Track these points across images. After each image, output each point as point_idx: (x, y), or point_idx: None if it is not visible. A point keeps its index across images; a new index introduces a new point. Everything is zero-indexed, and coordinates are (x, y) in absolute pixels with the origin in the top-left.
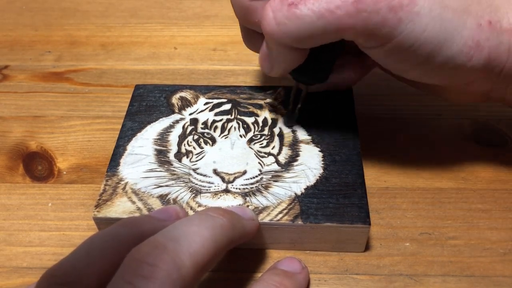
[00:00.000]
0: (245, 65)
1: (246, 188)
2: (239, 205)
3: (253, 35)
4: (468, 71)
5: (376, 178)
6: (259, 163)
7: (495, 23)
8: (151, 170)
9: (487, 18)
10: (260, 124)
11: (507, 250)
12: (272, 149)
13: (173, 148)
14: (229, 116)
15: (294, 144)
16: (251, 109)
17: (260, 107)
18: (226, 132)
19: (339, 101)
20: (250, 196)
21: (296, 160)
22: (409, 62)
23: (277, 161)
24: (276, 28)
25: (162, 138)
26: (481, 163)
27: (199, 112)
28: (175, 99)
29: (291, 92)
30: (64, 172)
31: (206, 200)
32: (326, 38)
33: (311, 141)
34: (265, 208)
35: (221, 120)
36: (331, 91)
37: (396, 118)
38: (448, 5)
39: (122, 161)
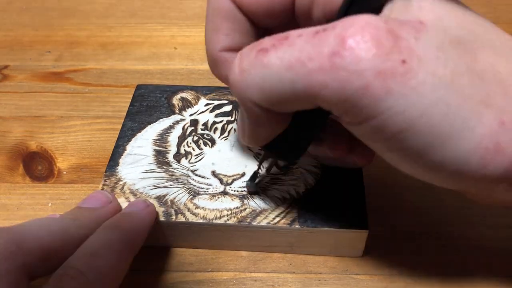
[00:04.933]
0: None
1: (244, 191)
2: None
3: None
4: (481, 179)
5: (376, 178)
6: (258, 165)
7: None
8: (150, 171)
9: None
10: None
11: (507, 250)
12: None
13: (173, 149)
14: (229, 118)
15: None
16: None
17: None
18: (226, 134)
19: None
20: (248, 198)
21: (295, 163)
22: (398, 153)
23: (276, 164)
24: (239, 77)
25: (162, 138)
26: None
27: (199, 113)
28: (176, 100)
29: (260, 159)
30: (64, 172)
31: (204, 202)
32: (294, 100)
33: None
34: (262, 211)
35: (221, 121)
36: None
37: None
38: (460, 90)
39: (121, 161)
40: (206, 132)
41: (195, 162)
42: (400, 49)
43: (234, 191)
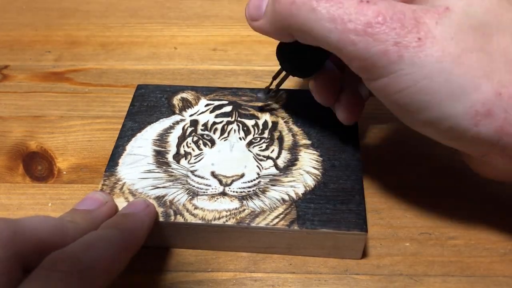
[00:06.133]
0: (245, 65)
1: (244, 192)
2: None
3: None
4: (473, 138)
5: (376, 178)
6: (257, 166)
7: None
8: (149, 171)
9: None
10: (260, 127)
11: (507, 250)
12: (271, 152)
13: (172, 149)
14: (229, 118)
15: (294, 148)
16: (252, 111)
17: (261, 109)
18: (225, 134)
19: None
20: (247, 199)
21: (295, 164)
22: (402, 108)
23: (275, 165)
24: (288, 6)
25: (162, 139)
26: None
27: (199, 114)
28: (176, 100)
29: (276, 72)
30: (64, 172)
31: (203, 203)
32: (323, 43)
33: (310, 146)
34: (261, 212)
35: (221, 122)
36: None
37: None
38: (465, 63)
39: (120, 161)
40: (206, 132)
41: (194, 163)
42: (418, 30)
43: (234, 192)
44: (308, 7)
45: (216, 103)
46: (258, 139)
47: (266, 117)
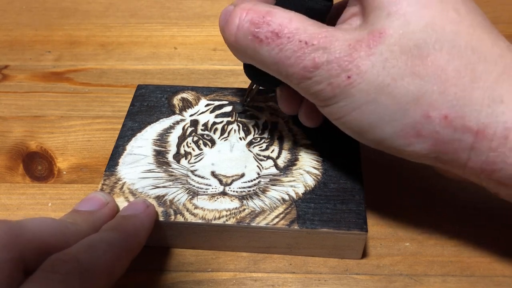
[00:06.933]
0: None
1: (244, 191)
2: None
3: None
4: (413, 155)
5: (376, 178)
6: (257, 166)
7: (454, 119)
8: (149, 171)
9: (444, 111)
10: (261, 127)
11: (507, 250)
12: (271, 152)
13: (172, 149)
14: (229, 118)
15: (294, 148)
16: (252, 111)
17: (261, 110)
18: (226, 134)
19: None
20: (247, 199)
21: (295, 164)
22: (346, 130)
23: (275, 165)
24: (234, 42)
25: (162, 138)
26: None
27: (199, 114)
28: (176, 100)
29: (248, 86)
30: (64, 172)
31: (203, 202)
32: (276, 75)
33: (310, 146)
34: (261, 212)
35: (221, 122)
36: None
37: None
38: (394, 92)
39: (120, 161)
40: (206, 132)
41: (194, 163)
42: (351, 67)
43: (234, 191)
44: (251, 48)
45: (216, 103)
46: (258, 139)
47: (266, 117)
